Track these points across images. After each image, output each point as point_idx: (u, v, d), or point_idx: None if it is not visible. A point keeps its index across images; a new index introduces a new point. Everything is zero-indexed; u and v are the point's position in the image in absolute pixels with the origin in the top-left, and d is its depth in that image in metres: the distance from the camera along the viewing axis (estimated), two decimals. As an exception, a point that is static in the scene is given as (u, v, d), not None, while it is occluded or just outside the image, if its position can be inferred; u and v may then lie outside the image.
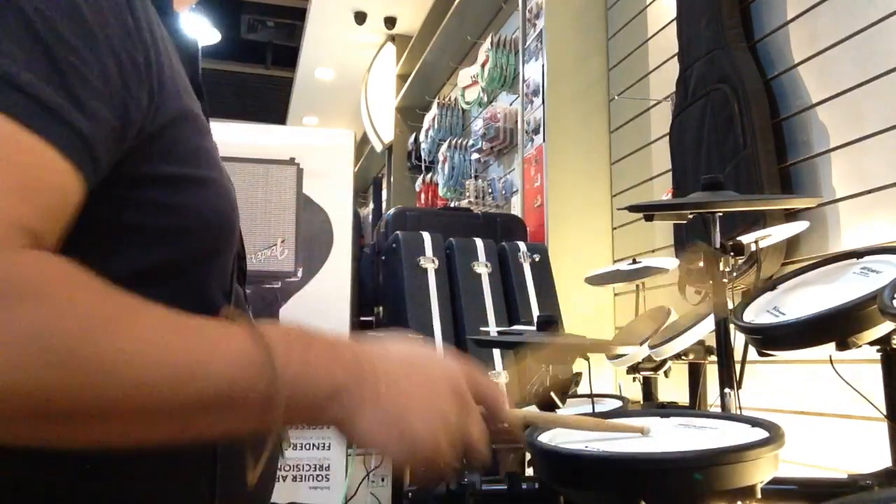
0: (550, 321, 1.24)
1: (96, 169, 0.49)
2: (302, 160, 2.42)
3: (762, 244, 1.51)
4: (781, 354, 1.26)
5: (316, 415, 0.51)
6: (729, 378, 1.19)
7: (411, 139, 5.07)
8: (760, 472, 0.72)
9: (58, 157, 0.46)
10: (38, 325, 0.39)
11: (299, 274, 2.40)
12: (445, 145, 4.12)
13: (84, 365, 0.40)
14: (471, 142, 3.92)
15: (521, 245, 2.51)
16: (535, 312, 2.34)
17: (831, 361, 1.15)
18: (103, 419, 0.43)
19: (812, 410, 1.72)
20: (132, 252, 0.56)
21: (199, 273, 0.62)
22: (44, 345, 0.39)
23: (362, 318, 2.63)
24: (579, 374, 1.27)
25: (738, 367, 1.23)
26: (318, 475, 2.27)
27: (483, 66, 3.54)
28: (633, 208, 1.32)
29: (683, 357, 1.71)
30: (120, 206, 0.55)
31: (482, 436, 0.57)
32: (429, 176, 4.62)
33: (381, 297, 2.55)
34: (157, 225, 0.57)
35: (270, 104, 7.35)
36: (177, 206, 0.58)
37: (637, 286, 2.08)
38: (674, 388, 1.95)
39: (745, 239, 1.33)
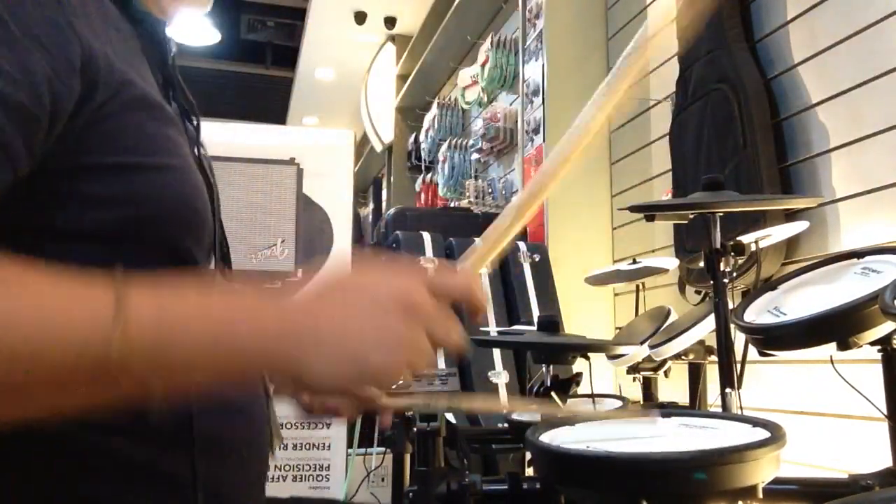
0: (551, 321, 1.24)
1: (13, 164, 0.49)
2: (302, 160, 2.42)
3: (762, 244, 1.51)
4: (782, 354, 1.26)
5: (255, 368, 0.52)
6: (729, 378, 1.19)
7: (411, 139, 5.07)
8: (762, 472, 0.72)
9: None
10: None
11: (299, 274, 2.40)
12: (445, 145, 4.12)
13: None
14: (471, 142, 3.92)
15: (521, 245, 2.51)
16: (535, 312, 2.34)
17: (832, 361, 1.15)
18: None
19: (813, 410, 1.72)
20: (74, 246, 0.56)
21: (159, 265, 0.61)
22: None
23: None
24: (579, 374, 1.27)
25: (738, 366, 1.23)
26: (318, 475, 2.27)
27: (483, 66, 3.54)
28: (634, 208, 1.32)
29: (683, 357, 1.71)
30: (56, 201, 0.55)
31: (453, 331, 0.55)
32: (429, 176, 4.62)
33: (381, 297, 2.55)
34: (99, 217, 0.56)
35: (270, 104, 7.35)
36: (124, 194, 0.58)
37: (637, 286, 2.08)
38: (674, 388, 1.95)
39: (745, 239, 1.33)
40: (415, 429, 1.06)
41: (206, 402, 0.59)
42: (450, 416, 1.67)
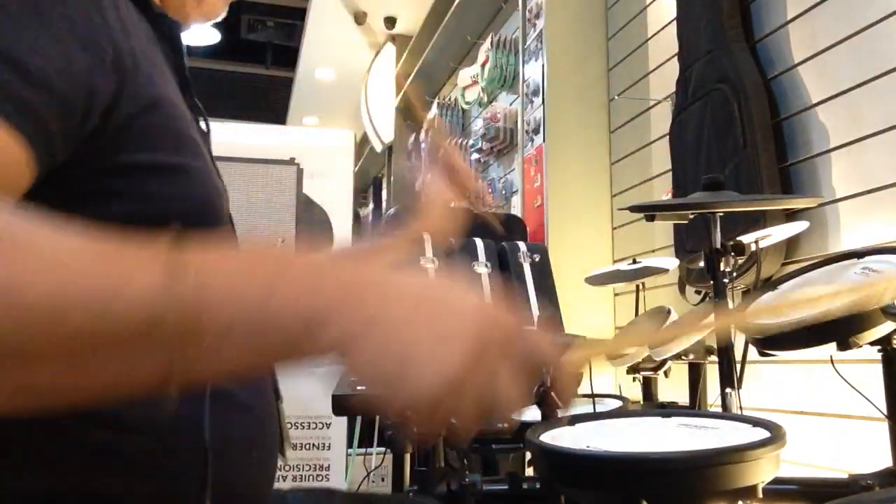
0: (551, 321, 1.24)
1: (49, 146, 0.49)
2: (302, 160, 2.42)
3: (762, 244, 1.51)
4: (782, 354, 1.26)
5: (301, 344, 0.41)
6: (730, 378, 1.19)
7: (411, 139, 5.07)
8: (762, 472, 0.72)
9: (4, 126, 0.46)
10: None
11: (299, 274, 2.39)
12: (445, 145, 4.12)
13: None
14: (471, 142, 3.92)
15: (521, 245, 2.51)
16: (536, 312, 2.34)
17: (832, 361, 1.15)
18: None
19: (813, 410, 1.72)
20: None
21: None
22: None
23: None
24: (580, 375, 1.27)
25: (738, 367, 1.23)
26: (318, 475, 2.27)
27: (483, 66, 3.54)
28: (634, 208, 1.32)
29: (683, 357, 1.71)
30: (81, 200, 0.55)
31: (513, 398, 0.43)
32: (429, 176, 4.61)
33: (381, 297, 2.55)
34: (130, 213, 0.56)
35: (270, 104, 7.35)
36: (152, 194, 0.58)
37: (637, 286, 2.08)
38: (674, 388, 1.95)
39: (745, 239, 1.33)
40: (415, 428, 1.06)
41: (217, 401, 0.59)
42: (450, 416, 1.66)
